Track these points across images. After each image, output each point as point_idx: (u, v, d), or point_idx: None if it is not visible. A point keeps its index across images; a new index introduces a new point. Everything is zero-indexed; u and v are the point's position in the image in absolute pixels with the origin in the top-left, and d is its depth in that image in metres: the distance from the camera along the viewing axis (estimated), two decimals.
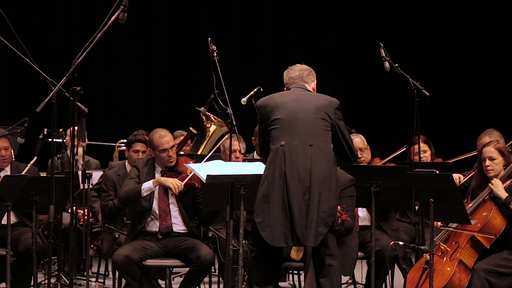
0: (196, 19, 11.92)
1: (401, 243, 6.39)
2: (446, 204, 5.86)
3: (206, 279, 7.16)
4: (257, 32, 12.00)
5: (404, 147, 7.74)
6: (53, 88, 5.90)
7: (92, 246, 7.56)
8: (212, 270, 7.70)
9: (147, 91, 11.96)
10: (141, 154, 7.54)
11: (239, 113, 6.79)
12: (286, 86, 6.03)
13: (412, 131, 7.04)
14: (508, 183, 6.29)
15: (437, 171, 6.03)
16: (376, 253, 6.66)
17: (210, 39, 6.62)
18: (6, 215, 6.43)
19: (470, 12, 11.80)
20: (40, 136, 8.05)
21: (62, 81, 5.85)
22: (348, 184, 6.46)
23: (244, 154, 7.36)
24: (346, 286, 7.75)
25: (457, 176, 7.23)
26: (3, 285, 6.57)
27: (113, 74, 11.83)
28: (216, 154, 7.19)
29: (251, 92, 7.60)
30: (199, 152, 8.10)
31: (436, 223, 6.24)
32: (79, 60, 5.83)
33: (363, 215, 7.11)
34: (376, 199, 6.61)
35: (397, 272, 7.17)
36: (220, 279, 7.41)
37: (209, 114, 8.05)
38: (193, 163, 6.56)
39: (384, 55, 6.89)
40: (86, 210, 7.13)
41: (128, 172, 7.03)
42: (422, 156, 7.50)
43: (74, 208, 6.15)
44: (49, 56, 11.28)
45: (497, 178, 6.28)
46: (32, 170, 7.31)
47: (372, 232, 6.62)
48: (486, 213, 6.18)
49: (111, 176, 7.28)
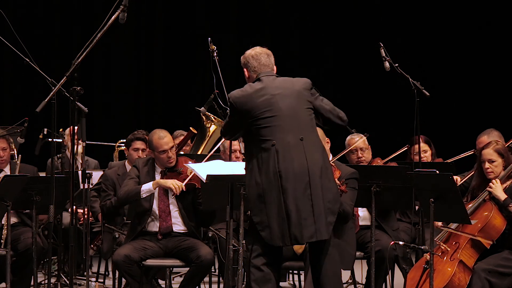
0: (196, 19, 11.93)
1: (401, 243, 6.39)
2: (446, 204, 5.86)
3: (206, 279, 7.16)
4: (257, 32, 12.00)
5: (405, 147, 7.73)
6: (53, 88, 5.90)
7: (92, 246, 7.56)
8: (212, 270, 7.70)
9: (147, 91, 11.96)
10: (140, 152, 7.54)
11: None
12: (252, 72, 5.83)
13: (412, 131, 7.04)
14: (508, 183, 6.29)
15: (437, 171, 6.03)
16: (376, 253, 6.65)
17: (210, 39, 6.62)
18: (6, 215, 6.43)
19: (470, 12, 11.81)
20: (40, 136, 8.05)
21: (62, 81, 5.85)
22: (351, 176, 6.46)
23: (244, 154, 7.35)
24: (346, 286, 7.75)
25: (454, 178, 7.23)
26: (3, 285, 6.57)
27: (113, 74, 11.83)
28: (216, 154, 7.19)
29: None
30: (199, 152, 8.09)
31: (436, 223, 6.24)
32: (79, 60, 5.83)
33: (363, 215, 7.11)
34: (376, 199, 6.61)
35: (397, 272, 7.17)
36: (220, 279, 7.41)
37: (209, 114, 8.05)
38: (193, 163, 6.56)
39: (384, 55, 6.89)
40: (86, 210, 7.13)
41: (128, 171, 7.02)
42: (422, 156, 7.50)
43: (74, 208, 6.16)
44: (49, 56, 11.29)
45: (496, 178, 6.27)
46: (31, 170, 7.30)
47: (372, 232, 6.62)
48: (487, 213, 6.17)
49: (111, 176, 7.28)
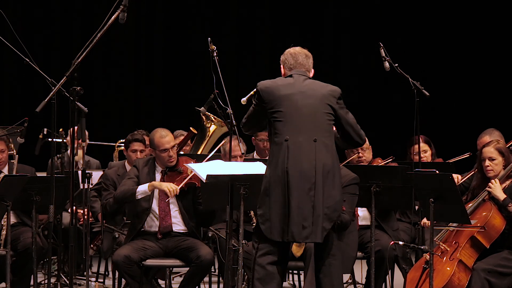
0: (196, 19, 11.92)
1: (401, 243, 6.39)
2: (446, 204, 5.86)
3: (206, 279, 7.16)
4: (257, 32, 12.00)
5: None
6: (53, 88, 5.90)
7: (92, 246, 7.56)
8: (212, 270, 7.70)
9: (147, 91, 11.95)
10: (139, 153, 7.55)
11: (239, 113, 6.78)
12: (287, 69, 5.89)
13: (412, 131, 7.04)
14: (507, 183, 6.29)
15: (437, 171, 6.03)
16: (376, 253, 6.66)
17: (210, 39, 6.62)
18: (6, 215, 6.43)
19: (470, 12, 11.80)
20: (40, 136, 8.05)
21: (62, 81, 5.84)
22: (351, 182, 6.47)
23: (244, 154, 7.36)
24: (346, 286, 7.75)
25: (455, 176, 7.23)
26: (3, 285, 6.57)
27: (113, 74, 11.83)
28: (216, 154, 7.19)
29: (251, 92, 7.58)
30: (199, 152, 8.10)
31: (426, 222, 6.23)
32: (79, 60, 5.83)
33: (363, 215, 7.12)
34: (376, 199, 6.61)
35: (397, 272, 7.17)
36: (220, 279, 7.40)
37: (209, 114, 8.05)
38: (193, 163, 6.56)
39: (384, 55, 6.89)
40: (86, 210, 7.13)
41: (128, 171, 7.03)
42: (422, 156, 7.50)
43: (74, 208, 6.15)
44: (49, 56, 11.28)
45: (496, 178, 6.28)
46: (29, 170, 7.30)
47: (372, 232, 6.62)
48: (486, 213, 6.17)
49: (111, 176, 7.29)
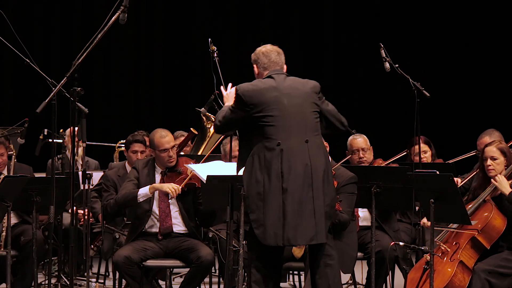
0: (196, 19, 11.92)
1: (401, 243, 6.39)
2: (447, 205, 5.86)
3: (206, 280, 7.16)
4: (257, 32, 12.00)
5: (405, 151, 7.72)
6: (53, 88, 5.90)
7: (92, 246, 7.56)
8: (213, 271, 7.70)
9: (147, 92, 11.96)
10: (139, 154, 7.54)
11: None
12: (262, 68, 5.86)
13: (412, 131, 7.04)
14: (509, 182, 6.28)
15: (437, 172, 6.03)
16: (377, 253, 6.66)
17: (210, 39, 6.62)
18: (6, 215, 6.43)
19: (470, 12, 11.80)
20: (41, 137, 8.04)
21: (63, 81, 5.84)
22: (349, 181, 6.47)
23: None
24: (346, 287, 7.75)
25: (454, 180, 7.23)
26: (4, 285, 6.57)
27: (113, 75, 11.83)
28: (216, 155, 7.19)
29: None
30: (199, 153, 8.09)
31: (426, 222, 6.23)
32: (80, 61, 5.83)
33: (363, 216, 7.11)
34: (377, 200, 6.61)
35: (397, 272, 7.17)
36: (220, 279, 7.41)
37: (209, 114, 8.04)
38: (193, 163, 6.56)
39: (384, 55, 6.89)
40: (86, 211, 7.13)
41: (128, 173, 7.02)
42: (422, 156, 7.50)
43: (75, 208, 6.16)
44: (49, 56, 11.28)
45: (501, 174, 6.27)
46: (26, 169, 7.29)
47: (373, 232, 6.62)
48: (487, 213, 6.17)
49: (111, 177, 7.28)
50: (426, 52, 11.86)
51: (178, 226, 6.75)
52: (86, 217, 7.11)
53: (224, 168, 6.27)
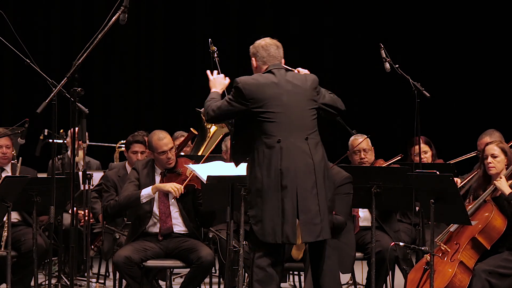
0: (196, 19, 11.92)
1: (401, 244, 6.39)
2: (447, 205, 5.86)
3: (207, 280, 7.16)
4: (257, 32, 11.98)
5: (399, 156, 7.68)
6: (53, 89, 5.90)
7: (92, 246, 7.56)
8: (213, 271, 7.69)
9: (147, 92, 11.96)
10: (139, 155, 7.54)
11: None
12: (260, 62, 5.86)
13: (412, 132, 7.04)
14: (509, 183, 6.28)
15: (437, 172, 6.03)
16: (377, 253, 6.65)
17: (210, 40, 6.62)
18: (6, 216, 6.43)
19: (470, 12, 11.80)
20: (41, 137, 8.05)
21: (63, 82, 5.84)
22: (345, 181, 6.46)
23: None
24: (346, 287, 7.75)
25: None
26: (4, 286, 6.57)
27: (113, 75, 11.83)
28: (216, 155, 7.19)
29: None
30: (199, 153, 8.09)
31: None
32: (80, 61, 5.82)
33: (364, 216, 7.11)
34: (377, 200, 6.61)
35: (397, 273, 7.17)
36: (221, 280, 7.41)
37: None
38: (193, 164, 6.56)
39: (384, 56, 6.89)
40: (87, 211, 7.13)
41: (128, 174, 7.02)
42: (423, 157, 7.50)
43: (75, 209, 6.16)
44: (49, 56, 11.28)
45: (502, 175, 6.27)
46: (31, 173, 7.29)
47: (373, 232, 6.62)
48: (487, 214, 6.18)
49: (111, 177, 7.28)
50: (426, 52, 11.86)
51: (179, 226, 6.74)
52: (86, 217, 7.11)
53: (224, 168, 6.27)
